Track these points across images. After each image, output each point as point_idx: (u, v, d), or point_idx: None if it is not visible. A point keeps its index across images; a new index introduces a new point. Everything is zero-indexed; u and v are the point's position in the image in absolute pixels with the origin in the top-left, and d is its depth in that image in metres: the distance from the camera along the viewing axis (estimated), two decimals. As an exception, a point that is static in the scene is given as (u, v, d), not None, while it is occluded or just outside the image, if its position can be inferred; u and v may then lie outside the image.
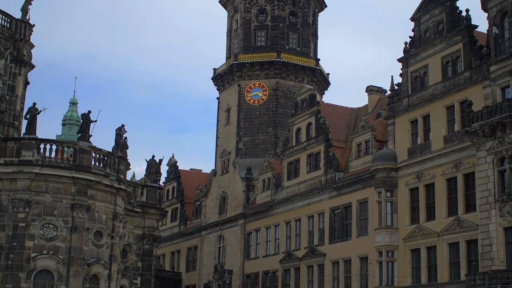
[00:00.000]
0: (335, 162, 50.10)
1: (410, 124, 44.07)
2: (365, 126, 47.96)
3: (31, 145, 36.92)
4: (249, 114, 64.88)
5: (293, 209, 53.68)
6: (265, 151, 63.40)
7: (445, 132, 41.35)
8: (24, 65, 43.30)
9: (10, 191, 36.26)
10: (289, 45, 67.06)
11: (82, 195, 37.36)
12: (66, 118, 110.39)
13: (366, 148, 47.71)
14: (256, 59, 65.33)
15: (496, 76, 37.38)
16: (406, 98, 44.59)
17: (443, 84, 41.83)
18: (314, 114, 53.27)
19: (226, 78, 67.11)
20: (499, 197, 35.65)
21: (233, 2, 69.76)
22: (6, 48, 42.28)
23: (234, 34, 69.41)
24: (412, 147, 43.60)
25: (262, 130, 64.35)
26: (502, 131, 35.65)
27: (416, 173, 42.67)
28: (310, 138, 53.23)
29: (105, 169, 38.85)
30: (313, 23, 69.58)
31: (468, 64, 40.22)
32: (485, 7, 38.89)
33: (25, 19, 43.63)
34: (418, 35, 44.48)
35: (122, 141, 41.52)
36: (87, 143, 38.42)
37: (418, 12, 44.61)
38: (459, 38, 41.16)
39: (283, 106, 64.50)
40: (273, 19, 67.13)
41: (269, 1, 67.43)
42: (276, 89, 64.87)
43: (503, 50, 37.43)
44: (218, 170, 66.42)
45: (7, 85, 42.25)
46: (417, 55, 44.21)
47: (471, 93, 39.48)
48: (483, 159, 37.03)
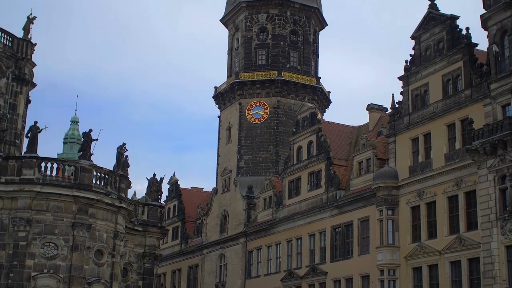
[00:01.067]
0: (336, 180, 50.05)
1: (411, 142, 44.08)
2: (366, 144, 47.96)
3: (32, 163, 36.90)
4: (250, 133, 64.92)
5: (294, 228, 53.55)
6: (266, 169, 63.37)
7: (446, 150, 41.35)
8: (25, 84, 43.39)
9: (11, 210, 36.18)
10: (290, 64, 67.23)
11: (83, 214, 37.27)
12: (67, 136, 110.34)
13: (367, 166, 47.68)
14: (257, 77, 65.48)
15: (497, 94, 37.44)
16: (407, 116, 44.63)
17: (444, 102, 41.88)
18: (315, 132, 53.29)
19: (227, 96, 67.23)
20: (501, 215, 35.58)
21: (234, 20, 70.05)
22: (8, 66, 42.39)
23: (235, 52, 69.63)
24: (413, 165, 43.58)
25: (263, 149, 64.35)
26: (503, 149, 35.65)
27: (417, 191, 42.62)
28: (311, 156, 53.22)
29: (106, 187, 38.80)
30: (313, 41, 69.81)
31: (468, 82, 40.30)
32: (485, 26, 39.03)
33: (27, 38, 43.78)
34: (418, 53, 44.60)
35: (123, 159, 41.50)
36: (88, 161, 38.39)
37: (419, 30, 44.77)
38: (460, 56, 41.27)
39: (284, 124, 64.54)
40: (274, 38, 67.38)
41: (270, 19, 67.72)
42: (277, 107, 64.95)
43: (504, 68, 37.52)
44: (219, 188, 66.36)
45: (9, 103, 42.32)
46: (417, 73, 44.30)
47: (471, 111, 39.53)
48: (484, 177, 37.00)
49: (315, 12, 69.63)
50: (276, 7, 67.89)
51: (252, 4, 68.26)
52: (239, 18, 69.14)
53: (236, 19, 69.63)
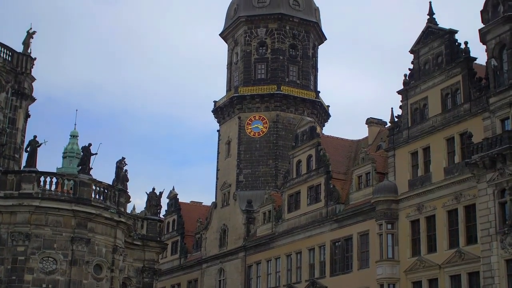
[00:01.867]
0: (335, 194, 50.02)
1: (411, 156, 44.09)
2: (366, 158, 47.97)
3: (31, 178, 36.88)
4: (250, 147, 64.92)
5: (293, 242, 53.44)
6: (266, 183, 63.33)
7: (445, 164, 41.35)
8: (25, 98, 43.44)
9: (9, 224, 36.13)
10: (289, 78, 67.36)
11: (82, 228, 37.22)
12: (66, 150, 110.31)
13: (367, 180, 47.66)
14: (256, 91, 65.59)
15: (496, 108, 37.49)
16: (406, 130, 44.67)
17: (443, 116, 41.93)
18: (314, 146, 53.30)
19: (227, 110, 67.30)
20: (500, 229, 35.53)
21: (233, 35, 70.26)
22: (8, 81, 42.46)
23: (234, 66, 69.79)
24: (412, 179, 43.57)
25: (262, 163, 64.32)
26: (503, 162, 35.66)
27: (417, 205, 42.58)
28: (310, 170, 53.20)
29: (105, 202, 38.77)
30: (313, 55, 69.99)
31: (467, 96, 40.37)
32: (484, 40, 39.15)
33: (27, 52, 43.87)
34: (417, 67, 44.70)
35: (122, 173, 41.50)
36: (87, 175, 38.39)
37: (417, 44, 44.89)
38: (458, 70, 41.36)
39: (284, 138, 64.56)
40: (273, 52, 67.54)
41: (269, 34, 67.91)
42: (276, 121, 65.00)
43: (502, 82, 37.59)
44: (219, 202, 66.27)
45: (8, 118, 42.36)
46: (416, 87, 44.38)
47: (470, 125, 39.57)
48: (483, 191, 36.99)
49: (314, 27, 69.85)
50: (275, 22, 68.10)
51: (252, 18, 68.48)
52: (239, 33, 69.33)
53: (236, 33, 69.84)
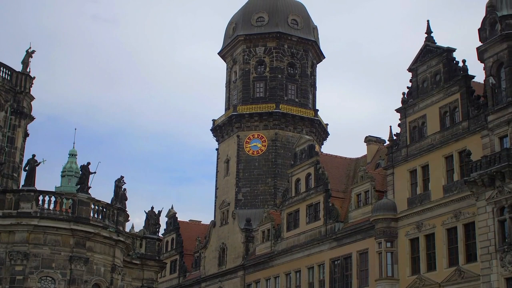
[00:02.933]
0: (334, 212, 49.95)
1: (409, 174, 44.09)
2: (365, 176, 47.95)
3: (30, 197, 36.81)
4: (248, 165, 64.93)
5: (293, 260, 53.30)
6: (265, 202, 63.27)
7: (444, 182, 41.34)
8: (24, 117, 43.49)
9: (8, 244, 36.01)
10: (288, 96, 67.52)
11: (81, 247, 37.09)
12: (65, 169, 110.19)
13: (366, 199, 47.62)
14: (255, 110, 65.73)
15: (494, 125, 37.54)
16: (405, 148, 44.70)
17: (442, 134, 41.98)
18: (313, 164, 53.30)
19: (225, 129, 67.39)
20: (500, 247, 35.45)
21: (232, 54, 70.51)
22: (7, 100, 42.52)
23: (233, 85, 69.97)
24: (411, 197, 43.54)
25: (261, 181, 64.31)
26: (501, 180, 35.65)
27: (416, 223, 42.52)
28: (309, 189, 53.16)
29: (104, 220, 38.67)
30: (311, 74, 70.20)
31: (466, 114, 40.45)
32: (482, 58, 39.29)
33: (26, 71, 43.98)
34: (415, 85, 44.81)
35: (121, 192, 41.46)
36: (86, 194, 38.33)
37: (416, 63, 45.04)
38: (457, 88, 41.47)
39: (282, 156, 64.59)
40: (272, 71, 67.76)
41: (267, 52, 68.17)
42: (275, 139, 65.08)
43: (500, 100, 37.68)
44: (218, 221, 66.17)
45: (7, 137, 42.38)
46: (415, 105, 44.47)
47: (469, 142, 39.61)
48: (483, 209, 36.94)
49: (313, 45, 70.12)
50: (274, 40, 68.39)
51: (250, 37, 68.76)
52: (237, 51, 69.58)
53: (234, 52, 70.09)
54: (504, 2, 38.84)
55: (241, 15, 70.82)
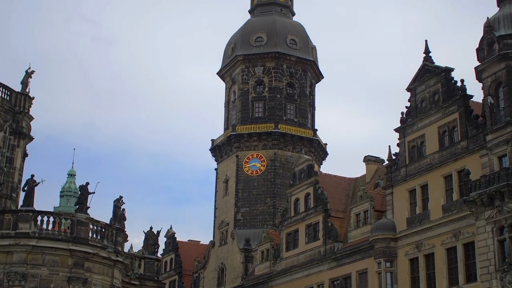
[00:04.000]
0: (334, 232, 49.82)
1: (409, 194, 44.03)
2: (364, 196, 47.90)
3: (28, 217, 36.76)
4: (247, 185, 64.87)
5: (292, 281, 53.05)
6: (264, 221, 63.13)
7: (443, 201, 41.29)
8: (23, 137, 43.53)
9: (6, 264, 35.90)
10: (287, 116, 67.63)
11: (79, 268, 36.98)
12: (64, 189, 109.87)
13: (365, 218, 47.52)
14: (254, 130, 65.80)
15: (493, 145, 37.57)
16: (404, 168, 44.68)
17: (440, 153, 41.99)
18: (312, 184, 53.23)
19: (224, 149, 67.41)
20: (500, 266, 35.33)
21: (231, 73, 70.70)
22: (6, 120, 42.58)
23: (232, 105, 70.09)
24: (411, 216, 43.45)
25: (260, 201, 64.22)
26: (501, 200, 35.60)
27: (416, 243, 42.40)
28: (308, 209, 53.05)
29: (102, 241, 38.59)
30: (310, 93, 70.37)
31: (464, 134, 40.48)
32: (480, 78, 39.40)
33: (25, 91, 44.07)
34: (414, 105, 44.89)
35: (120, 212, 41.43)
36: (85, 214, 38.29)
37: (414, 82, 45.14)
38: (455, 108, 41.54)
39: (281, 176, 64.56)
40: (271, 90, 67.93)
41: (266, 72, 68.38)
42: (274, 159, 65.08)
43: (499, 119, 37.74)
44: (217, 241, 65.98)
45: (6, 157, 42.38)
46: (413, 125, 44.51)
47: (468, 162, 39.61)
48: (482, 228, 36.86)
49: (311, 65, 70.36)
50: (273, 60, 68.62)
51: (249, 57, 69.00)
52: (236, 71, 69.79)
53: (233, 72, 70.29)
54: (501, 22, 39.03)
55: (240, 35, 71.11)
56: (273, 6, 73.98)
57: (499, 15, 39.70)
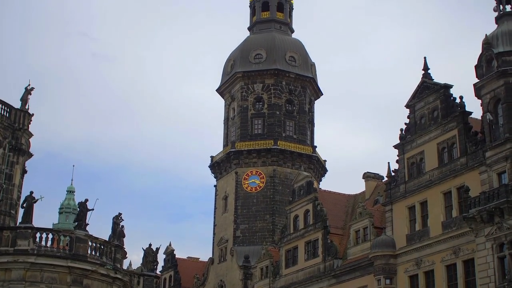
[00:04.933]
0: (333, 249, 49.71)
1: (408, 210, 43.98)
2: (363, 212, 47.85)
3: (27, 234, 36.63)
4: (247, 202, 64.82)
5: (291, 298, 52.88)
6: (263, 238, 63.03)
7: (443, 218, 41.22)
8: (22, 154, 43.48)
9: (4, 281, 35.71)
10: (286, 133, 67.70)
11: (78, 285, 36.79)
12: (63, 206, 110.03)
13: (364, 235, 47.44)
14: (253, 146, 65.85)
15: (492, 162, 37.58)
16: (403, 185, 44.65)
17: (440, 170, 41.98)
18: (311, 201, 53.18)
19: (224, 166, 67.42)
20: (500, 283, 35.21)
21: (230, 90, 70.84)
22: (5, 137, 42.55)
23: (231, 122, 70.17)
24: (410, 233, 43.38)
25: (259, 218, 64.16)
26: (500, 216, 35.56)
27: (415, 259, 42.29)
28: (308, 225, 52.96)
29: (101, 258, 38.45)
30: (309, 110, 70.49)
31: (463, 150, 40.49)
32: (479, 94, 39.48)
33: (25, 108, 44.07)
34: (413, 121, 44.93)
35: (119, 229, 41.31)
36: (84, 231, 38.18)
37: (413, 99, 45.21)
38: (454, 125, 41.58)
39: (281, 193, 64.54)
40: (270, 107, 68.05)
41: (265, 89, 68.53)
42: (273, 176, 65.07)
43: (498, 136, 37.77)
44: (216, 258, 65.82)
45: (5, 173, 42.31)
46: (413, 142, 44.53)
47: (467, 178, 39.59)
48: (482, 245, 36.77)
49: (310, 82, 70.54)
50: (272, 77, 68.82)
51: (248, 74, 69.20)
52: (235, 88, 69.93)
53: (232, 89, 70.44)
54: (500, 39, 39.17)
55: (239, 52, 71.34)
56: (272, 23, 74.30)
57: (497, 32, 39.85)
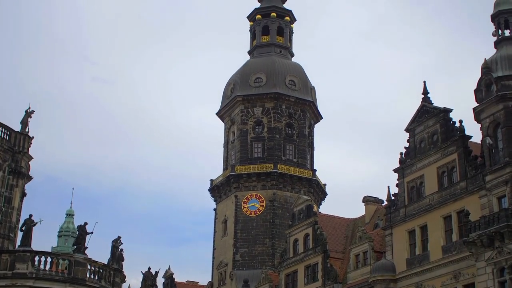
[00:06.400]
0: (333, 273, 49.49)
1: (408, 235, 43.87)
2: (363, 236, 47.72)
3: (26, 257, 36.50)
4: (246, 225, 64.68)
5: (291, 322, 52.58)
6: (263, 262, 62.82)
7: (443, 242, 41.10)
8: (21, 177, 43.43)
9: (3, 305, 35.59)
10: (286, 156, 67.73)
11: (77, 308, 36.63)
12: (62, 229, 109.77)
13: (364, 259, 47.27)
14: (253, 170, 65.85)
15: (492, 186, 37.55)
16: (403, 209, 44.58)
17: (440, 194, 41.93)
18: (311, 225, 53.04)
19: (223, 189, 67.34)
20: (501, 308, 35.07)
21: (230, 114, 70.97)
22: (5, 160, 42.53)
23: (231, 145, 70.22)
24: (410, 257, 43.22)
25: (259, 241, 63.98)
26: (501, 241, 35.45)
27: (416, 284, 42.10)
28: (307, 249, 52.78)
29: (100, 281, 38.27)
30: (309, 134, 70.58)
31: (463, 174, 40.48)
32: (478, 118, 39.56)
33: (25, 131, 44.07)
34: (413, 145, 44.96)
35: (118, 253, 41.18)
36: (83, 255, 38.05)
37: (413, 123, 45.28)
38: (454, 149, 41.61)
39: (280, 217, 64.42)
40: (270, 131, 68.13)
41: (265, 113, 68.65)
42: (273, 200, 64.98)
43: (498, 160, 37.78)
44: (215, 282, 65.52)
45: (4, 196, 42.22)
46: (412, 166, 44.53)
47: (467, 202, 39.53)
48: (482, 270, 36.63)
49: (310, 106, 70.69)
50: (272, 101, 68.98)
51: (248, 98, 69.37)
52: (235, 112, 70.07)
53: (232, 112, 70.58)
54: (499, 63, 39.33)
55: (239, 76, 71.58)
56: (272, 47, 74.64)
57: (496, 56, 40.04)
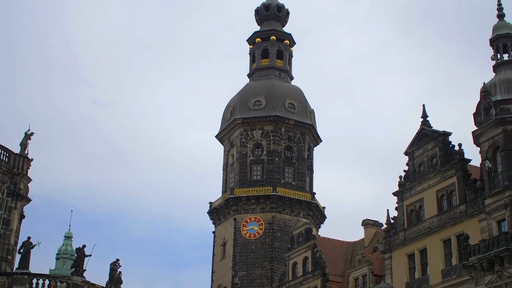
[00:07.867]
0: (332, 297, 49.29)
1: (407, 258, 43.73)
2: (362, 260, 47.55)
3: (24, 280, 36.36)
4: (245, 248, 64.42)
5: None
6: (261, 286, 62.48)
7: (442, 266, 40.96)
8: (20, 199, 43.33)
9: (-1, 328, 35.37)
10: (285, 179, 67.62)
11: (74, 332, 36.42)
12: (60, 252, 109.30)
13: (364, 283, 47.06)
14: (252, 193, 65.71)
15: (492, 209, 37.51)
16: (403, 232, 44.47)
17: (439, 217, 41.86)
18: (310, 248, 52.87)
19: (222, 212, 67.19)
20: (501, 333, 34.86)
21: (229, 137, 71.00)
22: (3, 182, 42.46)
23: (230, 168, 70.16)
24: (410, 281, 43.04)
25: (258, 265, 63.68)
26: (500, 264, 35.35)
27: (415, 308, 41.92)
28: (306, 273, 52.57)
29: (98, 304, 38.13)
30: (308, 157, 70.54)
31: (463, 198, 40.44)
32: (477, 142, 39.61)
33: (24, 153, 44.05)
34: (412, 169, 44.96)
35: (116, 275, 41.02)
36: (81, 277, 37.91)
37: (412, 146, 45.33)
38: (453, 172, 41.60)
39: (279, 240, 64.19)
40: (269, 154, 68.10)
41: (265, 136, 68.68)
42: (272, 223, 64.80)
43: (497, 183, 37.77)
44: (214, 305, 65.13)
45: (2, 218, 42.08)
46: (412, 189, 44.49)
47: (467, 226, 39.46)
48: (482, 294, 36.51)
49: (310, 129, 70.74)
50: (271, 124, 69.03)
51: (247, 121, 69.42)
52: (235, 135, 70.11)
53: (232, 135, 70.61)
54: (498, 87, 39.48)
55: (239, 99, 71.70)
56: (271, 70, 74.83)
57: (495, 80, 40.19)
